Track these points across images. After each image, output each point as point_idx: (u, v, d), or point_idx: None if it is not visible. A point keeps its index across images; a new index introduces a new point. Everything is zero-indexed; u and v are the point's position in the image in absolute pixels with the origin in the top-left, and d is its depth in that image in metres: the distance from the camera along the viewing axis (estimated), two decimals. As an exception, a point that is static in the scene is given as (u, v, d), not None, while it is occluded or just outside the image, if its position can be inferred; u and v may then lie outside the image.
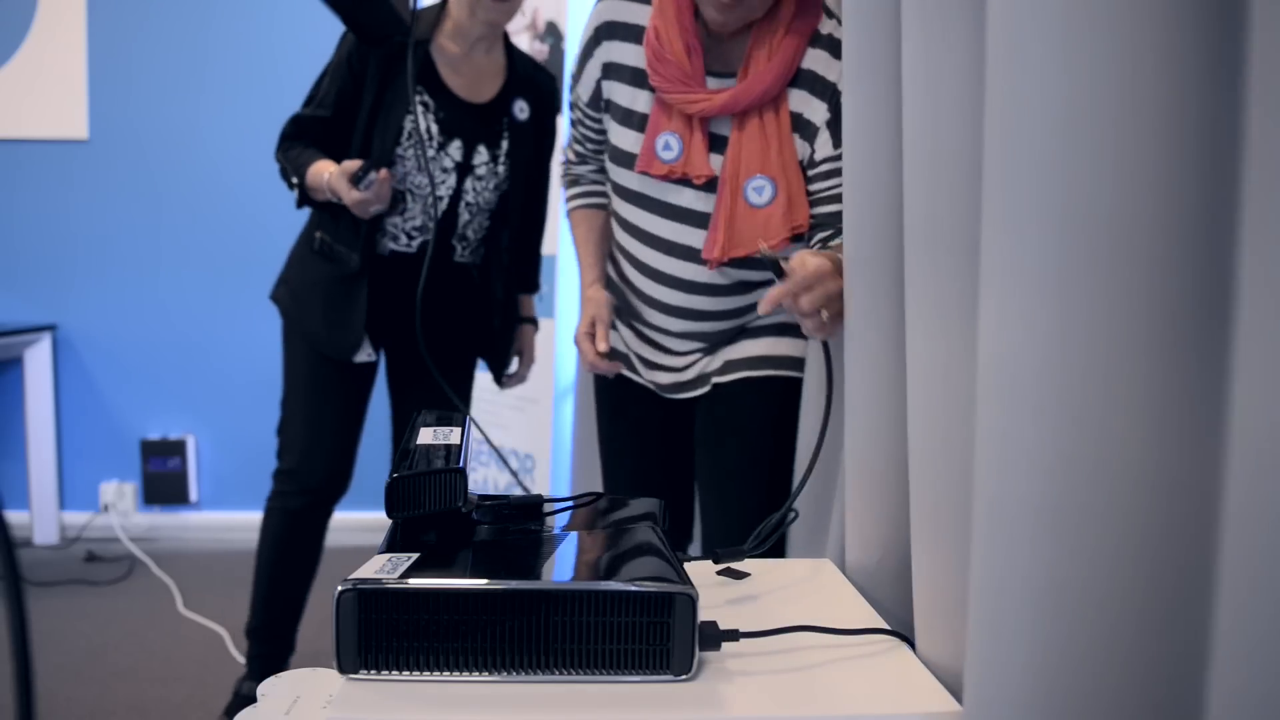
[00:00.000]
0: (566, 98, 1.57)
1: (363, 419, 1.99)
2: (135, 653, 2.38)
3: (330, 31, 1.86)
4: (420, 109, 1.79)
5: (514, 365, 2.14)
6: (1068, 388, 0.55)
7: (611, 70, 1.38)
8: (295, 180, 1.79)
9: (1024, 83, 0.55)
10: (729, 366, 1.41)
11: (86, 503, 3.37)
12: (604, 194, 1.51)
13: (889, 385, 0.94)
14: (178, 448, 3.36)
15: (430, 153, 1.80)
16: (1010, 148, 0.57)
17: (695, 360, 1.43)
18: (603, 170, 1.49)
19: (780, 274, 1.06)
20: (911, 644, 0.85)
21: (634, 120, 1.37)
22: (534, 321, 2.16)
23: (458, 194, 1.85)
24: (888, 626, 0.88)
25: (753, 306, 1.39)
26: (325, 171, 1.74)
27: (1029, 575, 0.58)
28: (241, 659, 2.34)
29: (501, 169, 1.88)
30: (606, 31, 1.37)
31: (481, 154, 1.86)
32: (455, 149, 1.83)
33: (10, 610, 0.50)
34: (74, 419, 3.36)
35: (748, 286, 1.38)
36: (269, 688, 0.76)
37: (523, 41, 2.98)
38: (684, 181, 1.34)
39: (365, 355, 1.88)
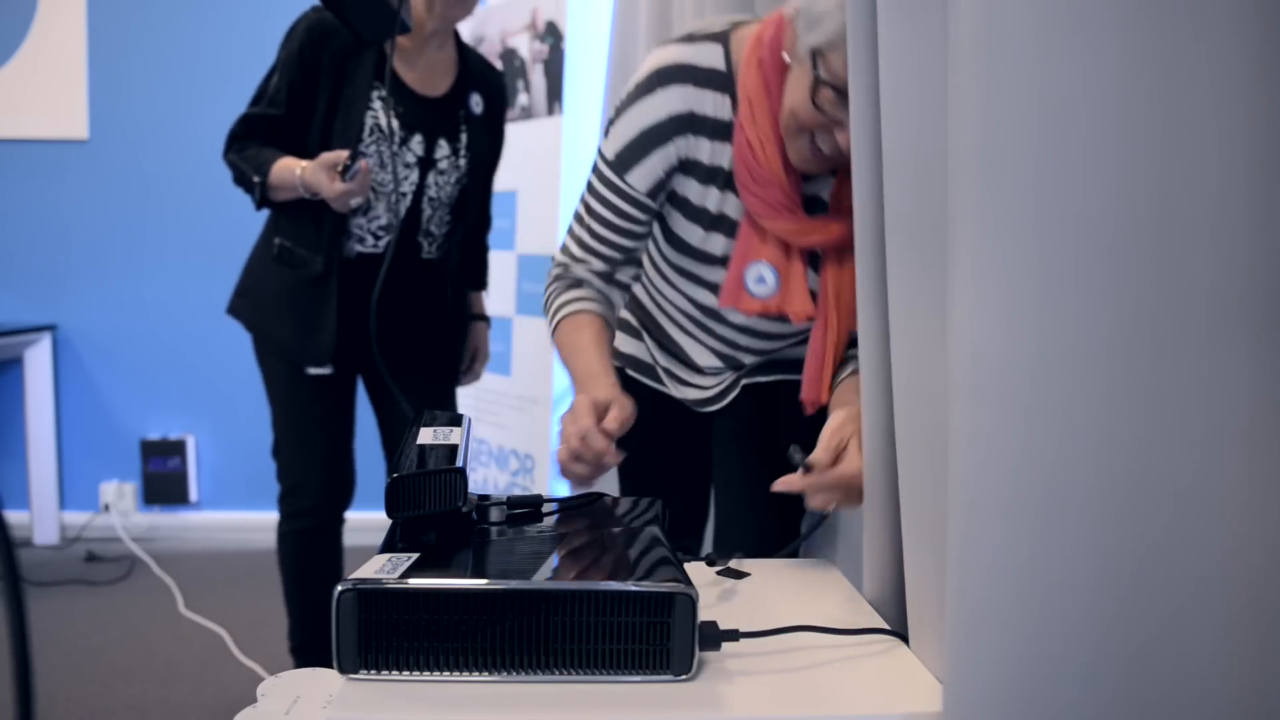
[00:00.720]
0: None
1: (351, 428, 1.97)
2: (135, 653, 2.38)
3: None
4: (379, 104, 1.76)
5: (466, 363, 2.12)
6: (1049, 386, 0.55)
7: (688, 167, 1.18)
8: (257, 179, 1.75)
9: (1006, 78, 0.55)
10: (763, 369, 1.36)
11: (86, 503, 3.37)
12: (607, 300, 1.25)
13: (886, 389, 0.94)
14: (178, 448, 3.36)
15: (392, 148, 1.78)
16: (992, 143, 0.57)
17: (726, 381, 1.37)
18: (612, 262, 1.24)
19: (808, 469, 1.00)
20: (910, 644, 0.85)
21: (704, 218, 1.20)
22: (486, 319, 2.16)
23: (420, 189, 1.84)
24: (887, 626, 0.88)
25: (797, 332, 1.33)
26: (296, 167, 1.70)
27: (1006, 575, 0.58)
28: (244, 659, 2.35)
29: (463, 162, 1.87)
30: (688, 124, 1.15)
31: (443, 148, 1.84)
32: (417, 143, 1.82)
33: (10, 610, 0.50)
34: (74, 419, 3.36)
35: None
36: (269, 688, 0.76)
37: (522, 41, 2.98)
38: (734, 234, 1.21)
39: (319, 368, 1.84)
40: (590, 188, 1.21)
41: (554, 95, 2.82)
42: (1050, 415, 0.55)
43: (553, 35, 2.98)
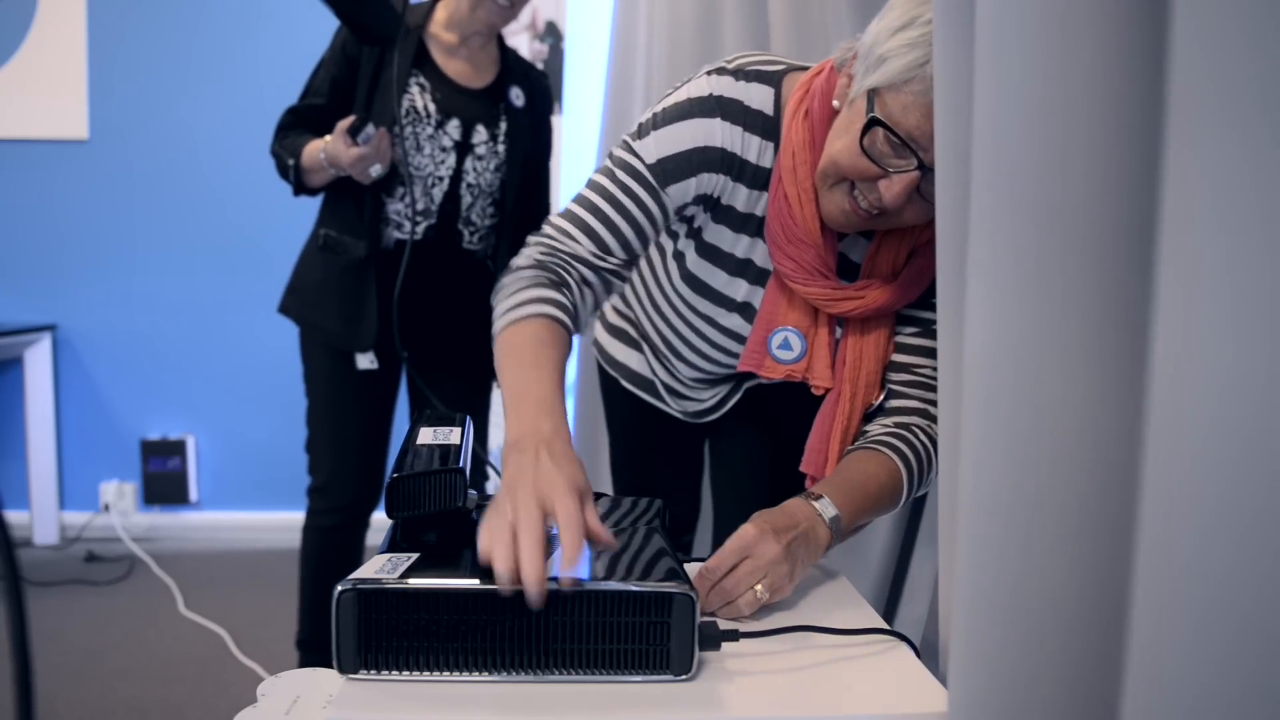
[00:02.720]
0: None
1: (388, 431, 1.98)
2: (135, 653, 2.38)
3: (333, 31, 1.87)
4: (416, 89, 1.80)
5: None
6: (1038, 388, 0.56)
7: (721, 213, 1.10)
8: (291, 162, 1.78)
9: (1004, 79, 0.55)
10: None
11: (86, 503, 3.37)
12: (577, 320, 1.07)
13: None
14: (178, 448, 3.36)
15: (429, 131, 1.80)
16: (992, 145, 0.57)
17: (726, 389, 1.33)
18: (623, 264, 1.09)
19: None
20: (911, 644, 0.85)
21: (731, 264, 1.14)
22: None
23: (458, 175, 1.84)
24: (888, 626, 0.88)
25: None
26: (321, 142, 1.74)
27: (1001, 578, 0.58)
28: (244, 659, 2.35)
29: (501, 149, 1.88)
30: (727, 165, 1.06)
31: (480, 133, 1.85)
32: (453, 128, 1.82)
33: (10, 610, 0.50)
34: (74, 419, 3.36)
35: None
36: (269, 688, 0.76)
37: (522, 41, 2.98)
38: (758, 279, 1.13)
39: (369, 362, 1.86)
40: (620, 185, 1.06)
41: (554, 95, 2.82)
42: (1038, 417, 0.56)
43: (552, 35, 2.99)
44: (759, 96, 1.05)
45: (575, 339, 1.14)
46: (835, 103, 1.01)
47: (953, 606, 0.64)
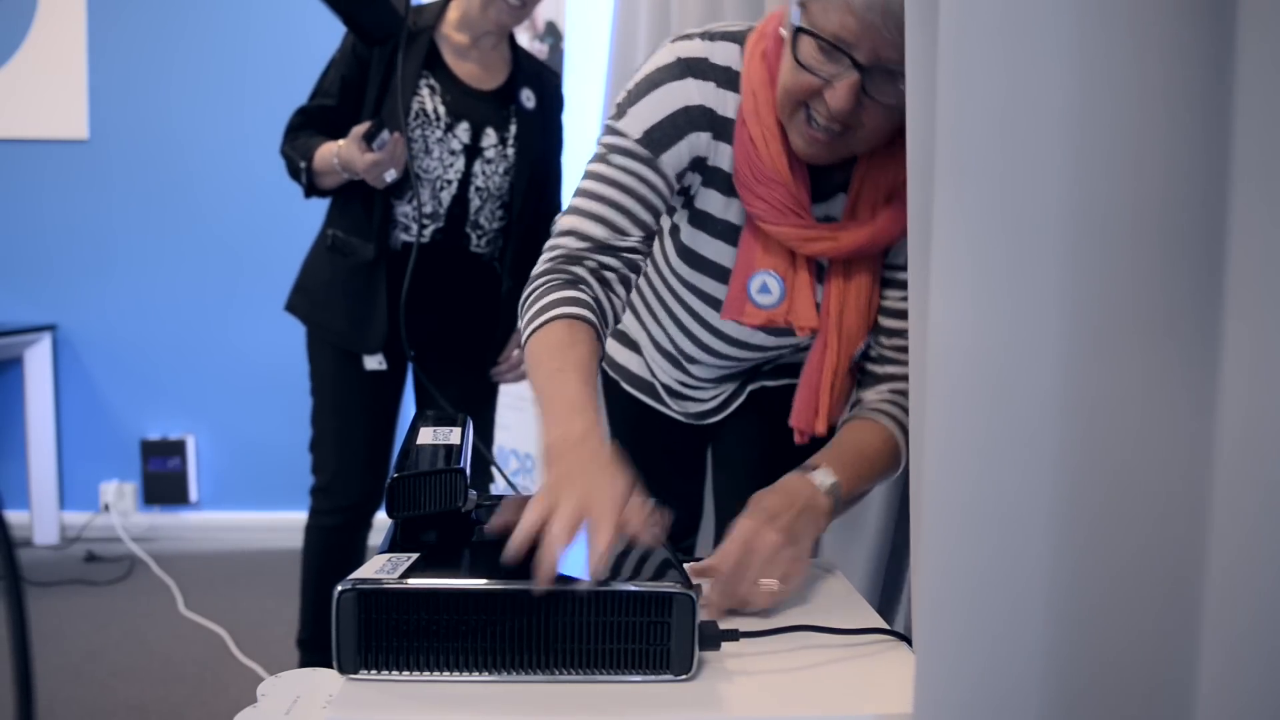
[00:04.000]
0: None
1: (393, 432, 1.97)
2: (135, 653, 2.38)
3: (332, 32, 1.87)
4: (426, 91, 1.80)
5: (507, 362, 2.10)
6: (1012, 385, 0.56)
7: (710, 177, 1.09)
8: (303, 164, 1.78)
9: (972, 82, 0.56)
10: (770, 373, 1.31)
11: (86, 503, 3.37)
12: (602, 315, 1.04)
13: None
14: (178, 448, 3.36)
15: (438, 134, 1.80)
16: (961, 146, 0.57)
17: (729, 390, 1.32)
18: (637, 250, 1.07)
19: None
20: (910, 644, 0.85)
21: (730, 234, 1.12)
22: None
23: (466, 178, 1.84)
24: (888, 626, 0.88)
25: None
26: (334, 145, 1.74)
27: (969, 573, 0.58)
28: (244, 659, 2.35)
29: (510, 152, 1.87)
30: (710, 123, 1.06)
31: (490, 137, 1.85)
32: (463, 131, 1.82)
33: (10, 610, 0.50)
34: (74, 419, 3.36)
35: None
36: (269, 688, 0.76)
37: (521, 41, 2.98)
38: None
39: (377, 363, 1.86)
40: (614, 165, 1.05)
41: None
42: (1013, 413, 0.56)
43: (553, 35, 2.99)
44: (724, 53, 1.07)
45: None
46: (783, 31, 1.02)
47: (919, 603, 0.64)
